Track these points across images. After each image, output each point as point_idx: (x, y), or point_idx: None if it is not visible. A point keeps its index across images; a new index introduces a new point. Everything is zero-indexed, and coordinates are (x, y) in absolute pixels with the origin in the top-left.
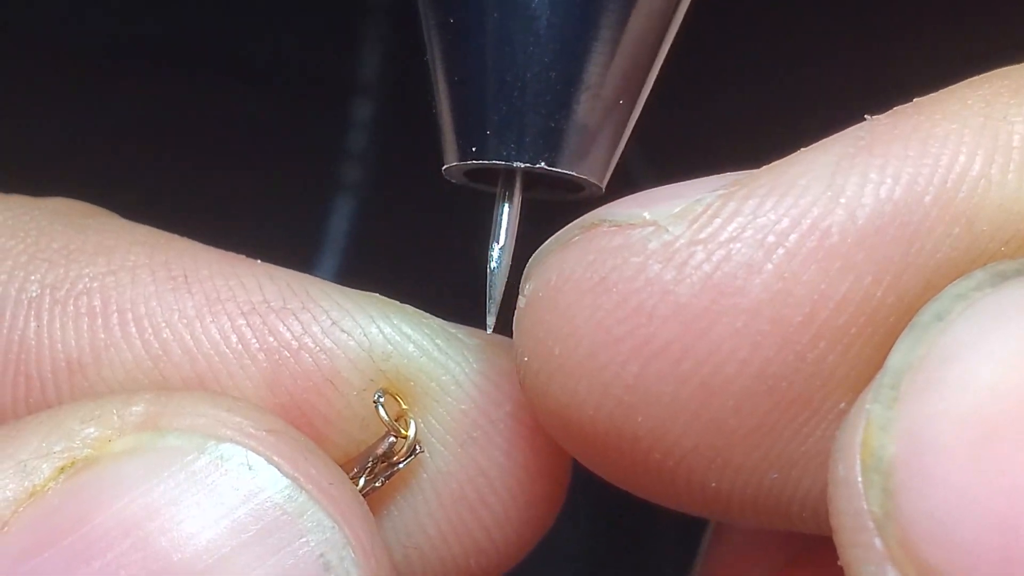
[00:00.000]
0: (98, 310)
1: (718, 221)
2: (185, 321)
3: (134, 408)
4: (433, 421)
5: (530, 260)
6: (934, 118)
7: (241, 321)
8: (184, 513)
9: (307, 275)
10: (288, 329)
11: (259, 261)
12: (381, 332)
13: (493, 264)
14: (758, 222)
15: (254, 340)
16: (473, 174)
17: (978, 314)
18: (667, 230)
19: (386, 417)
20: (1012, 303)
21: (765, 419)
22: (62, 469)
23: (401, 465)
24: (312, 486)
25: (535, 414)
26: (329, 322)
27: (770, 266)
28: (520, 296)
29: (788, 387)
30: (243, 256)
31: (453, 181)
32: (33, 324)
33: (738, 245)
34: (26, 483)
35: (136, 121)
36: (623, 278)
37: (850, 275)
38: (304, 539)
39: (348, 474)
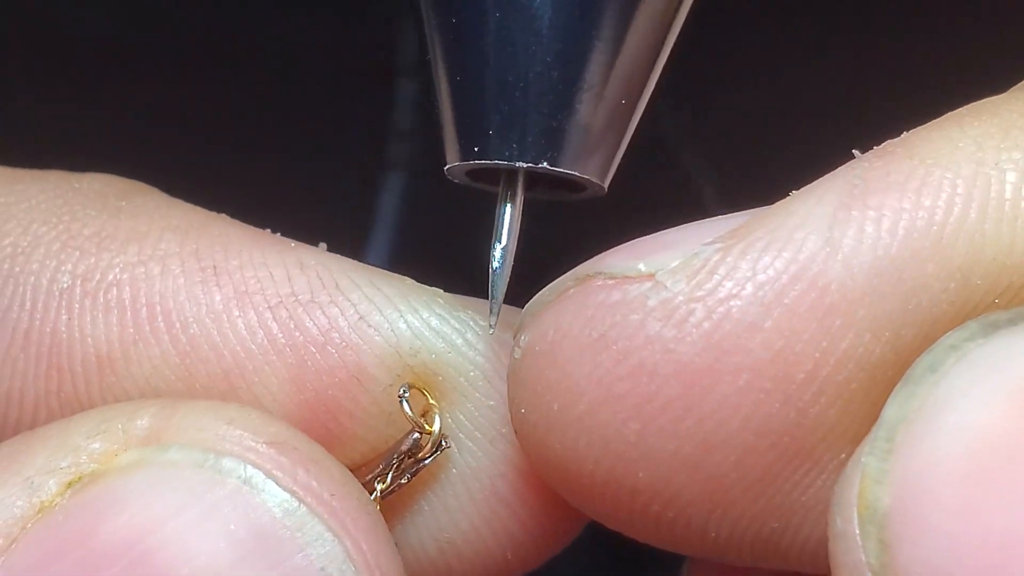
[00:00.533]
0: (127, 303)
1: (717, 277)
2: (213, 316)
3: (139, 422)
4: (461, 416)
5: (524, 310)
6: (927, 163)
7: (268, 316)
8: (183, 528)
9: (340, 260)
10: (315, 324)
11: (293, 243)
12: (409, 327)
13: (495, 264)
14: (757, 279)
15: (281, 336)
16: (475, 174)
17: (970, 365)
18: (666, 286)
19: (411, 413)
20: (1004, 353)
21: (766, 472)
22: (69, 484)
23: (427, 461)
24: (312, 499)
25: (531, 463)
26: (356, 316)
27: (770, 323)
28: (515, 347)
29: (790, 441)
30: (277, 237)
31: (455, 181)
32: (64, 317)
33: (738, 303)
34: (34, 499)
35: (189, 104)
36: (623, 336)
37: (850, 332)
38: (303, 553)
39: (374, 471)
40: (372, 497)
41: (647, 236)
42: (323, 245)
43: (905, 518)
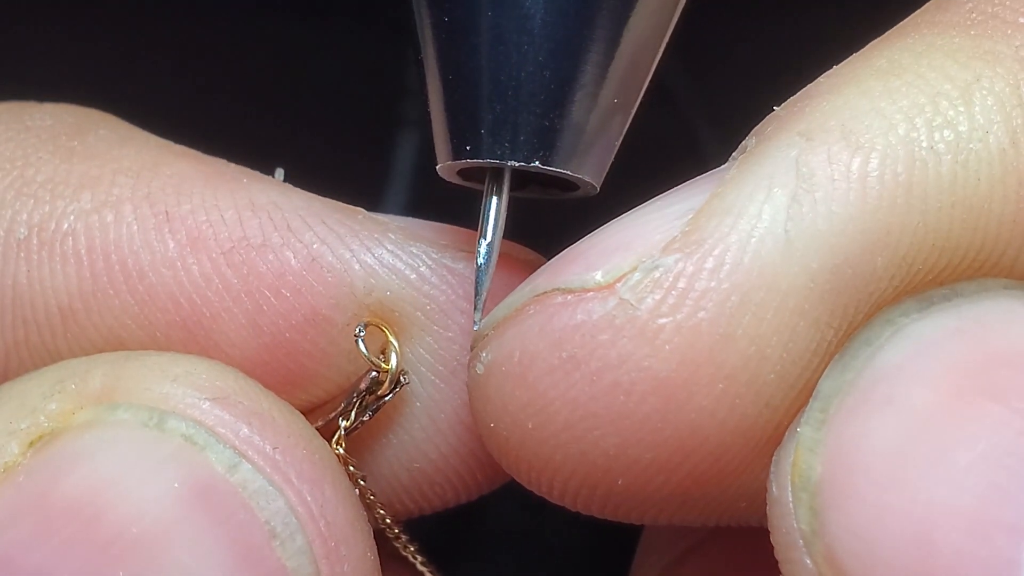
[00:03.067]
0: (83, 254)
1: (681, 286)
2: (167, 264)
3: (92, 381)
4: (422, 350)
5: (483, 323)
6: (865, 148)
7: (222, 261)
8: (130, 488)
9: (291, 195)
10: (268, 268)
11: (245, 178)
12: (362, 266)
13: (480, 259)
14: (722, 288)
15: (235, 281)
16: (467, 173)
17: (905, 339)
18: (631, 304)
19: (366, 352)
20: (937, 328)
21: (740, 464)
22: (30, 444)
23: (388, 397)
24: (254, 453)
25: (503, 466)
26: (309, 258)
27: (740, 331)
28: (477, 363)
29: (762, 434)
30: (230, 170)
31: (447, 179)
32: (24, 268)
33: (706, 315)
34: None
35: (202, 59)
36: (594, 356)
37: (812, 329)
38: (247, 508)
39: (336, 411)
40: (336, 435)
41: (596, 233)
42: (280, 172)
43: (835, 487)
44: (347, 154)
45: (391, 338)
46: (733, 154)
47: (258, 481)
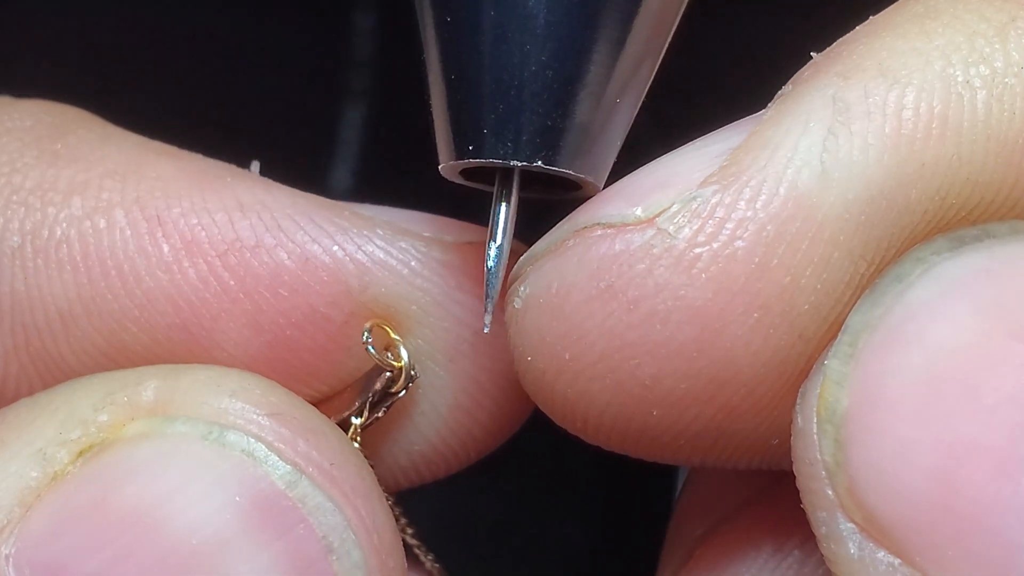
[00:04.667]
0: (79, 260)
1: (718, 220)
2: (163, 268)
3: (144, 393)
4: (419, 341)
5: (520, 260)
6: (901, 83)
7: (218, 264)
8: (190, 500)
9: (277, 193)
10: (264, 269)
11: (228, 176)
12: (355, 264)
13: (490, 263)
14: (759, 218)
15: (232, 282)
16: (469, 173)
17: (935, 277)
18: (669, 233)
19: (376, 354)
20: (969, 267)
21: (773, 398)
22: (80, 454)
23: (401, 394)
24: (313, 469)
25: (538, 403)
26: (303, 258)
27: (775, 262)
28: (515, 297)
29: (795, 368)
30: (210, 168)
31: (449, 179)
32: (21, 276)
33: (742, 243)
34: (48, 469)
35: (143, 33)
36: (632, 285)
37: (846, 261)
38: (306, 523)
39: (351, 408)
40: (350, 432)
41: (637, 172)
42: (255, 164)
43: (861, 420)
44: (293, 125)
45: (395, 336)
46: (771, 102)
47: (317, 496)
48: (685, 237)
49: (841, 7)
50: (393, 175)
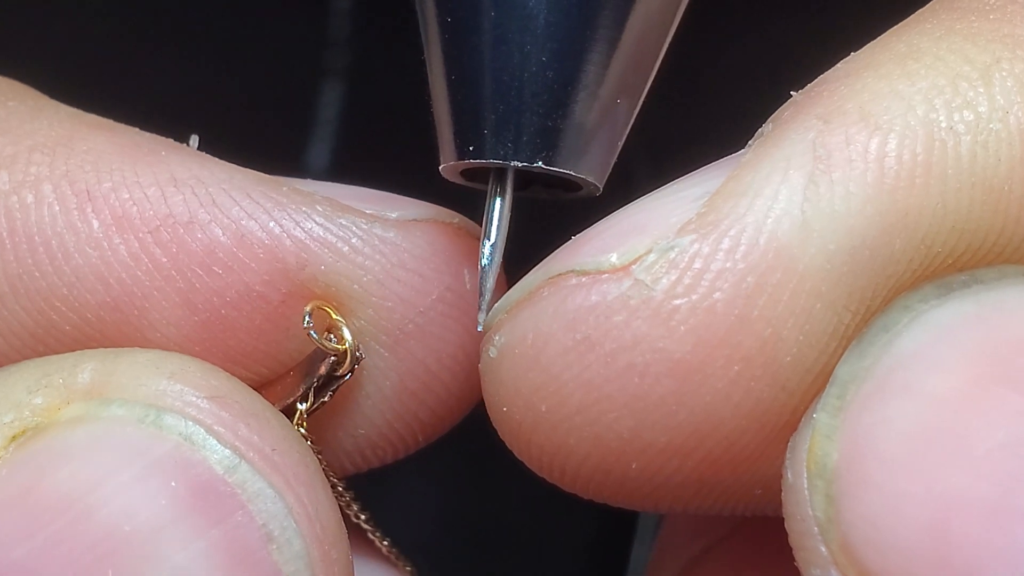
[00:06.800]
0: (6, 236)
1: (697, 267)
2: (93, 245)
3: (80, 376)
4: (363, 321)
5: (495, 307)
6: (883, 129)
7: (149, 240)
8: (124, 485)
9: (212, 167)
10: (197, 246)
11: (163, 150)
12: (292, 241)
13: (484, 261)
14: (739, 268)
15: (165, 259)
16: (470, 173)
17: (923, 326)
18: (646, 285)
19: (318, 338)
20: (957, 315)
21: (755, 450)
22: (13, 438)
23: (347, 377)
24: (254, 454)
25: (514, 451)
26: (239, 235)
27: (756, 314)
28: (490, 346)
29: (778, 419)
30: (143, 140)
31: (450, 180)
32: None
33: (721, 296)
34: None
35: (120, 14)
36: (609, 337)
37: (829, 312)
38: (244, 510)
39: (295, 394)
40: (296, 418)
41: (612, 217)
42: (195, 139)
43: (852, 474)
44: (270, 105)
45: (337, 317)
46: (750, 141)
47: (258, 483)
48: (663, 288)
49: (834, 28)
50: (370, 154)
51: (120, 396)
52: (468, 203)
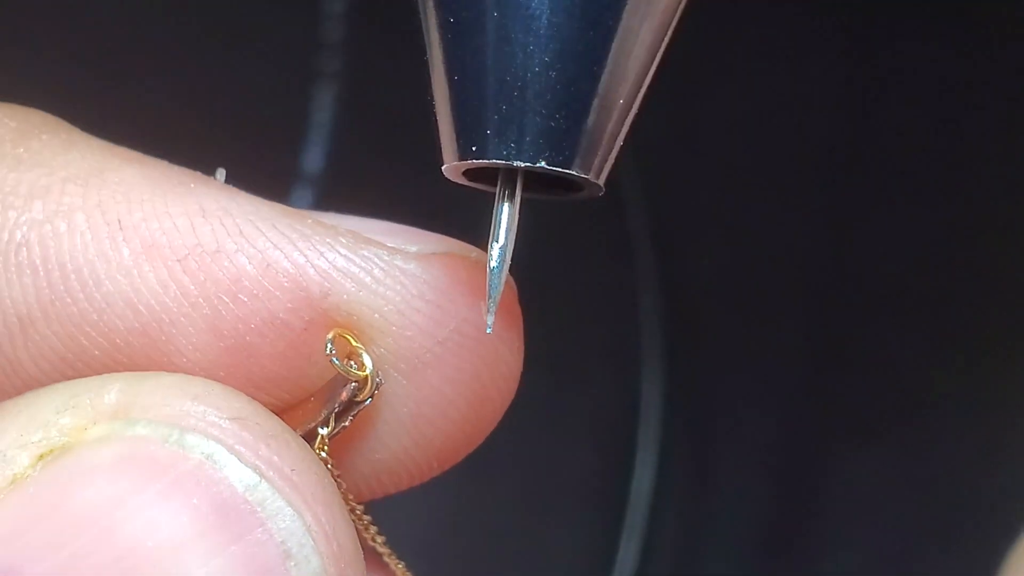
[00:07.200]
0: (39, 264)
1: None
2: (123, 272)
3: (107, 397)
4: (382, 350)
5: None
6: None
7: (178, 268)
8: (148, 502)
9: (240, 200)
10: (224, 274)
11: (192, 182)
12: (316, 270)
13: (493, 263)
14: None
15: (192, 287)
16: (472, 174)
17: None
18: None
19: (339, 364)
20: None
21: None
22: (40, 457)
23: (367, 402)
24: (274, 473)
25: None
26: (264, 264)
27: None
28: None
29: None
30: (173, 173)
31: (452, 180)
32: None
33: None
34: (7, 472)
35: (113, 17)
36: None
37: None
38: (264, 527)
39: (317, 419)
40: (318, 440)
41: None
42: (221, 172)
43: None
44: (264, 109)
45: (357, 345)
46: None
47: (277, 501)
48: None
49: (833, 28)
50: (364, 156)
51: (145, 416)
52: (463, 205)
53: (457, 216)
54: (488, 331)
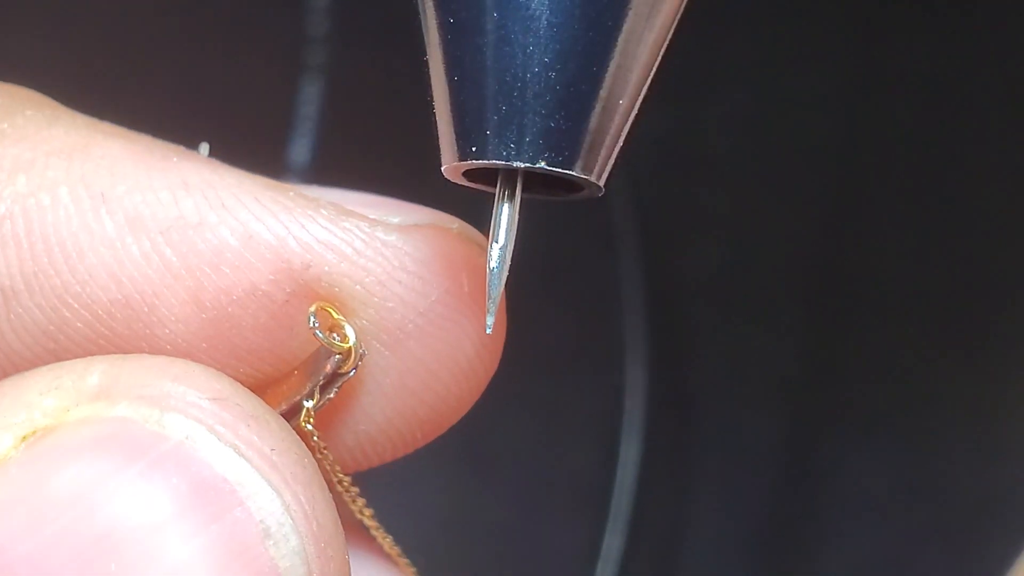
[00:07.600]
0: (23, 236)
1: None
2: (106, 244)
3: (89, 379)
4: (364, 321)
5: None
6: None
7: (160, 240)
8: (127, 483)
9: (223, 173)
10: (206, 246)
11: (175, 156)
12: (298, 242)
13: (493, 264)
14: None
15: (175, 259)
16: (471, 174)
17: None
18: None
19: (324, 337)
20: None
21: None
22: (23, 438)
23: (351, 373)
24: (253, 453)
25: None
26: (246, 236)
27: None
28: None
29: None
30: (157, 147)
31: (451, 181)
32: None
33: None
34: None
35: (100, 10)
36: None
37: None
38: (243, 507)
39: (301, 392)
40: (302, 415)
41: None
42: (205, 146)
43: None
44: (250, 102)
45: (339, 317)
46: None
47: (257, 481)
48: None
49: (831, 29)
50: (350, 149)
51: (126, 397)
52: (450, 198)
53: (444, 208)
54: (488, 331)
